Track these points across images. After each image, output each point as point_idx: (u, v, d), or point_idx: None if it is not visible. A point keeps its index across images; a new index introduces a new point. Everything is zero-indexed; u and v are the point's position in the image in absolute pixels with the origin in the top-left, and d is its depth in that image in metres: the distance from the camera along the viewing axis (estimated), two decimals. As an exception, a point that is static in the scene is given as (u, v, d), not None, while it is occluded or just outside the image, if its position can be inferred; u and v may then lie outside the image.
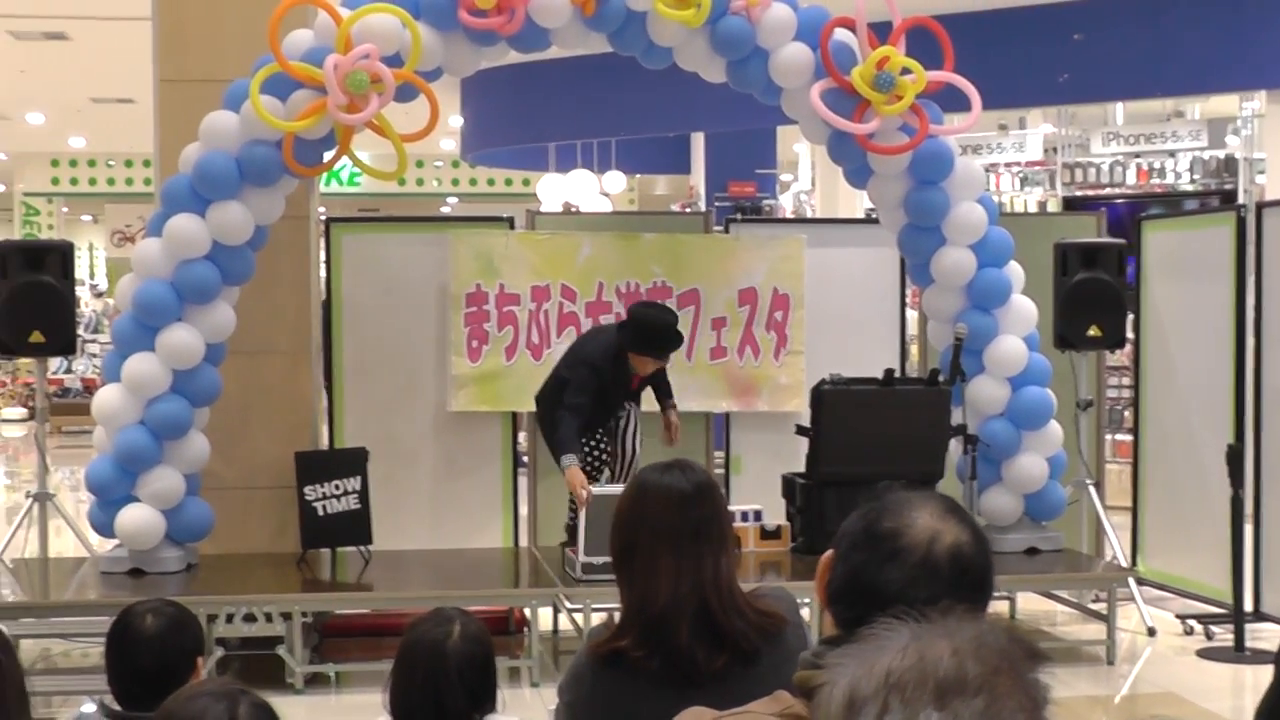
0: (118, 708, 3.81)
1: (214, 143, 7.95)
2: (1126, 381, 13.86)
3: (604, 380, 8.30)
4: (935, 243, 8.55)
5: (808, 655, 2.47)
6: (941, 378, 8.60)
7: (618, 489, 8.13)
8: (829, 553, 2.46)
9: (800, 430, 8.88)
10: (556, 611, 8.82)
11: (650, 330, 8.26)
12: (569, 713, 3.60)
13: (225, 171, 7.88)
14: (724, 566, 3.45)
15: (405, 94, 7.91)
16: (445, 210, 28.60)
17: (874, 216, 10.28)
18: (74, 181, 28.60)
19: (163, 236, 7.96)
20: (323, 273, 9.56)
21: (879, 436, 8.53)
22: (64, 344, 8.97)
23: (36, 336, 8.73)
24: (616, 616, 3.58)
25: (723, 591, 3.42)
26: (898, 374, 9.09)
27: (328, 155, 8.13)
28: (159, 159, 8.89)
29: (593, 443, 8.51)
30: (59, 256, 8.81)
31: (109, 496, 8.22)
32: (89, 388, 23.36)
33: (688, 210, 17.93)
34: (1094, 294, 9.23)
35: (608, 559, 7.69)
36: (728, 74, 8.42)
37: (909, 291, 10.40)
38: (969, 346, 8.51)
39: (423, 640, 3.72)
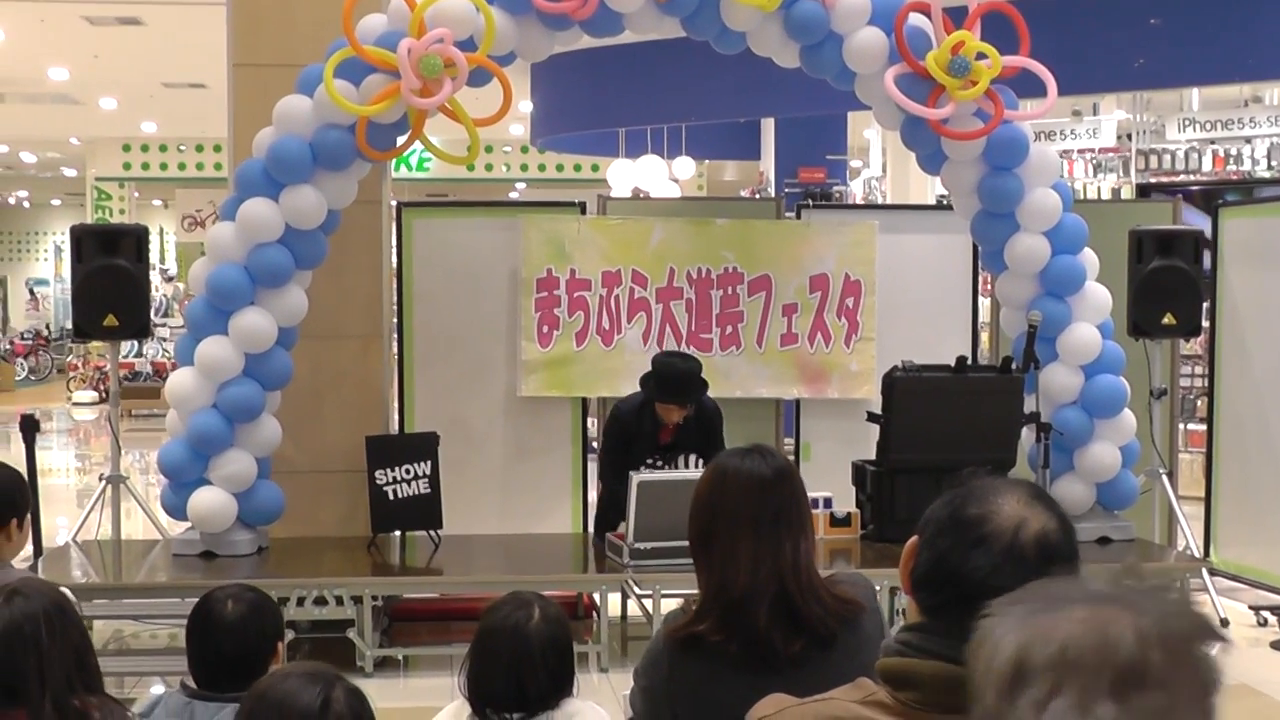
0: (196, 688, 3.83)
1: (288, 127, 7.97)
2: (1199, 370, 13.75)
3: (629, 430, 8.36)
4: (1009, 229, 8.48)
5: (890, 642, 2.45)
6: (1014, 365, 8.53)
7: (665, 475, 8.16)
8: (914, 539, 2.44)
9: (871, 417, 8.84)
10: (625, 597, 8.82)
11: (666, 377, 8.22)
12: (645, 697, 3.59)
13: (299, 156, 7.90)
14: (802, 551, 3.45)
15: (478, 78, 7.91)
16: (513, 196, 28.63)
17: (946, 203, 10.22)
18: (145, 166, 28.80)
19: (236, 220, 7.99)
20: (394, 258, 9.58)
21: (951, 424, 8.48)
22: (138, 327, 9.02)
23: (111, 320, 8.77)
24: (693, 601, 3.57)
25: (801, 576, 3.42)
26: (969, 361, 9.03)
27: (401, 140, 8.15)
28: (232, 143, 8.92)
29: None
30: (133, 240, 8.86)
31: (181, 479, 8.27)
32: (159, 371, 23.55)
33: (758, 196, 17.88)
34: (1169, 281, 9.13)
35: (656, 544, 7.85)
36: (801, 59, 8.37)
37: (981, 278, 10.33)
38: (1042, 334, 8.43)
39: (504, 624, 3.71)
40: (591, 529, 8.86)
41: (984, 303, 10.79)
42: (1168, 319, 9.17)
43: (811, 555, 3.48)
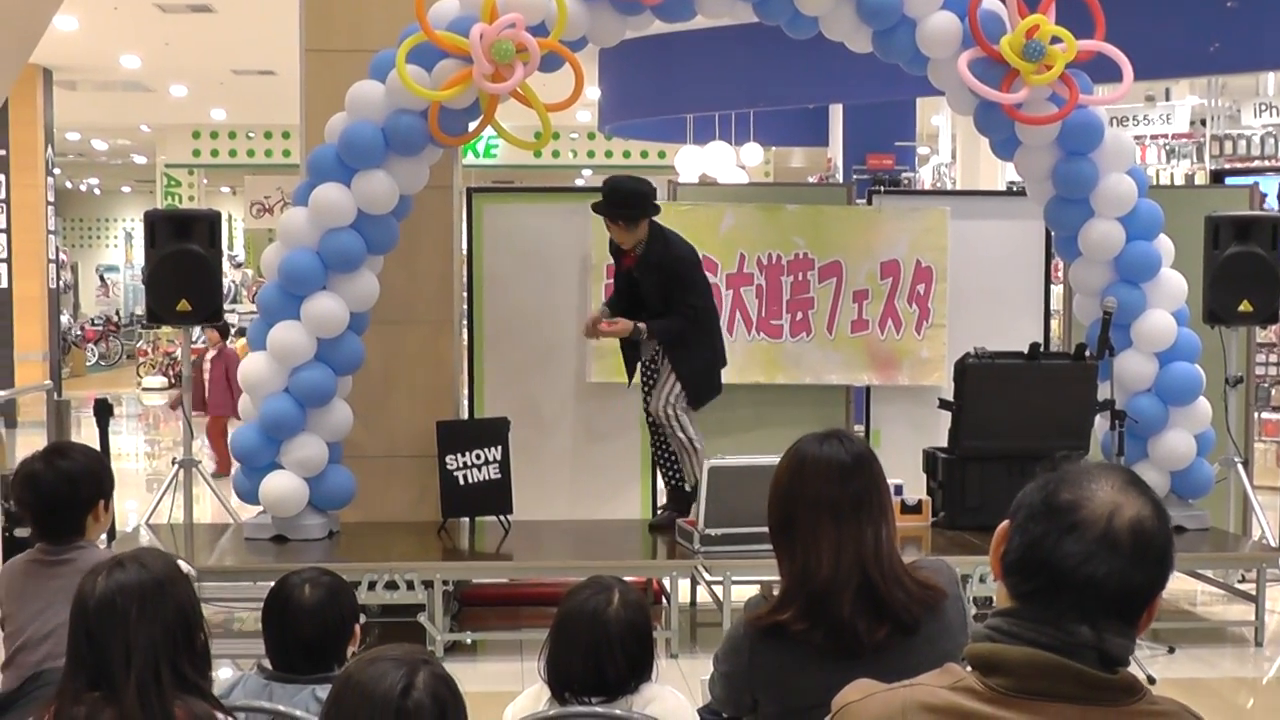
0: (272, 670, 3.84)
1: (360, 113, 7.99)
2: (1274, 358, 13.60)
3: (613, 247, 8.67)
4: (1083, 215, 8.41)
5: (980, 627, 2.43)
6: (1089, 352, 8.46)
7: (738, 461, 8.14)
8: (1005, 523, 2.41)
9: (943, 404, 8.79)
10: (695, 583, 8.80)
11: (603, 189, 8.48)
12: (725, 683, 3.58)
13: (371, 141, 7.92)
14: (884, 537, 3.43)
15: (550, 64, 7.90)
16: (579, 182, 28.64)
17: (1017, 188, 10.14)
18: (214, 153, 28.99)
19: (309, 206, 8.02)
20: (464, 243, 9.59)
21: (1024, 411, 8.44)
22: (210, 312, 9.06)
23: (183, 305, 8.81)
24: (772, 587, 3.55)
25: (884, 563, 3.40)
26: (1042, 348, 8.97)
27: (472, 125, 8.15)
28: (304, 129, 8.95)
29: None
30: (206, 225, 8.89)
31: (253, 464, 8.31)
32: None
33: (827, 182, 17.81)
34: (1246, 268, 9.01)
35: (728, 530, 7.82)
36: (874, 44, 8.32)
37: (1053, 265, 10.24)
38: (1117, 320, 8.35)
39: (584, 608, 3.69)
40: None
41: (1056, 289, 10.69)
42: (1244, 306, 9.05)
43: (893, 541, 3.45)
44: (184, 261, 8.76)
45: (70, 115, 23.58)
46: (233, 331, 17.84)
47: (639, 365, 8.71)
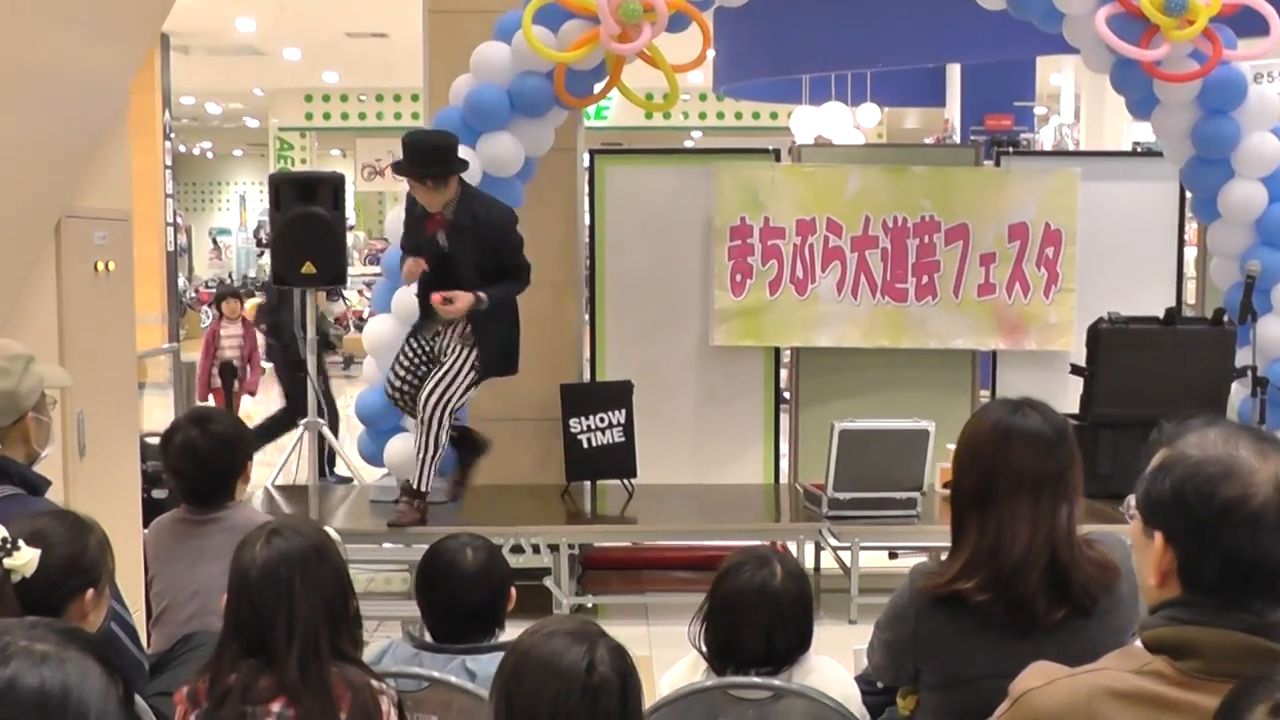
0: (425, 639, 3.81)
1: (485, 74, 7.95)
2: None
3: (410, 209, 7.63)
4: (1224, 175, 8.21)
5: (1157, 617, 2.34)
6: (1228, 317, 8.27)
7: (868, 424, 8.05)
8: (1158, 538, 2.31)
9: (1075, 369, 8.64)
10: (819, 548, 8.72)
11: (406, 144, 7.45)
12: (887, 650, 3.51)
13: (497, 103, 7.88)
14: (1075, 518, 3.34)
15: (676, 24, 7.81)
16: (688, 144, 28.52)
17: (1144, 149, 9.92)
18: (326, 116, 29.12)
19: (434, 168, 7.98)
20: (586, 205, 9.54)
21: (1158, 377, 8.27)
22: (335, 275, 9.08)
23: (308, 268, 8.85)
24: (940, 553, 3.47)
25: (1073, 542, 3.32)
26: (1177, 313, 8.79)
27: (598, 86, 8.08)
28: (428, 91, 8.93)
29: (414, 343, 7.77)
30: (330, 188, 8.92)
31: (379, 426, 8.33)
32: (338, 321, 23.86)
33: (943, 144, 17.59)
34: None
35: (856, 495, 7.72)
36: (1008, 1, 8.15)
37: (1187, 227, 10.04)
38: (1259, 284, 8.16)
39: (750, 584, 3.62)
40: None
41: (1189, 253, 10.48)
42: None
43: (1075, 519, 3.36)
44: (309, 224, 8.79)
45: (185, 80, 23.75)
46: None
47: (412, 342, 7.81)
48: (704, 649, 3.66)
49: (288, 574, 3.14)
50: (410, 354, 7.74)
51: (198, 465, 4.58)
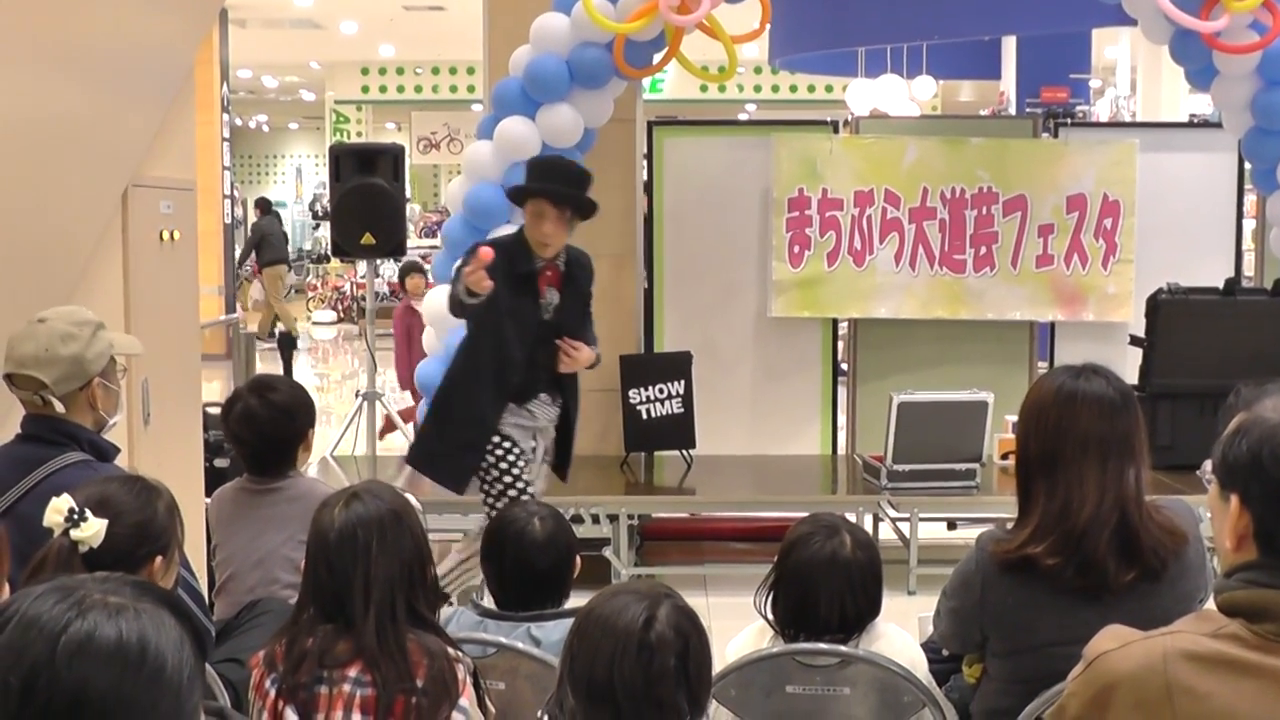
0: (491, 607, 3.85)
1: (545, 45, 7.96)
2: None
3: (503, 265, 5.77)
4: (1284, 147, 8.16)
5: (1231, 581, 2.35)
6: (1288, 288, 8.24)
7: (927, 396, 8.07)
8: (1234, 501, 2.32)
9: (1134, 340, 8.62)
10: (877, 520, 8.73)
11: (546, 165, 6.42)
12: (953, 618, 3.53)
13: (556, 74, 7.89)
14: (1143, 479, 3.37)
15: (736, -6, 7.82)
16: (742, 117, 28.48)
17: (1199, 121, 9.84)
18: (382, 89, 29.20)
19: (494, 139, 8.02)
20: (644, 176, 9.55)
21: (1218, 349, 8.24)
22: (394, 245, 9.14)
23: (368, 238, 8.90)
24: (1008, 521, 3.48)
25: (1142, 505, 3.34)
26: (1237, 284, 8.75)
27: (658, 57, 8.08)
28: (487, 62, 8.94)
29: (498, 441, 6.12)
30: (390, 160, 8.97)
31: (439, 395, 8.35)
32: (394, 293, 23.93)
33: (999, 116, 17.50)
34: None
35: (915, 466, 7.72)
36: (1067, -29, 8.12)
37: (1246, 199, 9.97)
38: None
39: (820, 554, 3.63)
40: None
41: (1249, 225, 10.41)
42: None
43: (1144, 482, 3.37)
44: (368, 195, 8.84)
45: (241, 53, 23.85)
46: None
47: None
48: (770, 617, 3.68)
49: (365, 538, 3.17)
50: (516, 454, 6.18)
51: (258, 434, 4.62)
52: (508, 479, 6.10)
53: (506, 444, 6.10)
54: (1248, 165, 9.12)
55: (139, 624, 1.65)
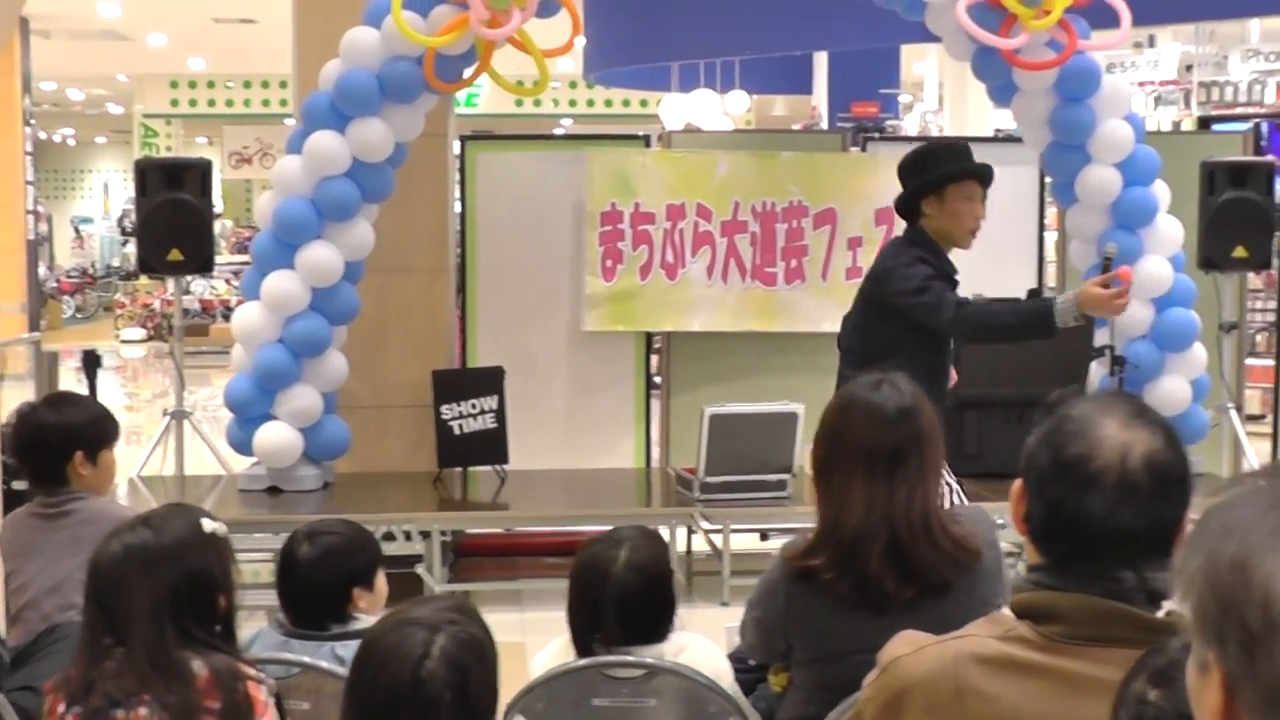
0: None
1: (355, 59, 7.90)
2: (1259, 305, 13.61)
3: (943, 274, 5.88)
4: (1080, 161, 8.36)
5: (1021, 581, 2.41)
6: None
7: (738, 408, 8.12)
8: (1019, 482, 2.38)
9: (939, 351, 8.76)
10: (691, 532, 8.79)
11: (950, 149, 6.46)
12: (758, 628, 3.55)
13: (366, 88, 7.84)
14: (919, 497, 3.32)
15: (546, 9, 7.82)
16: (558, 131, 28.52)
17: (1003, 136, 10.06)
18: (193, 103, 28.77)
19: (303, 154, 7.95)
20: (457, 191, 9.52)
21: (1021, 358, 8.39)
22: (202, 262, 8.98)
23: (175, 254, 8.74)
24: (809, 531, 3.52)
25: (914, 523, 3.30)
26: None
27: (468, 71, 8.07)
28: (297, 76, 8.86)
29: None
30: (198, 174, 8.81)
31: (247, 414, 8.26)
32: (206, 309, 23.59)
33: (811, 130, 17.76)
34: (1241, 213, 8.95)
35: (727, 478, 7.79)
36: (872, -12, 8.26)
37: (1047, 212, 10.20)
38: (1115, 266, 8.32)
39: (595, 561, 3.73)
40: None
41: (1050, 237, 10.66)
42: (1239, 252, 9.02)
43: (932, 499, 3.36)
44: (175, 210, 8.68)
45: (45, 65, 23.33)
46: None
47: None
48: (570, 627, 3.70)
49: (125, 571, 3.18)
50: None
51: (28, 447, 4.55)
52: None
53: None
54: (1048, 179, 9.33)
55: None
